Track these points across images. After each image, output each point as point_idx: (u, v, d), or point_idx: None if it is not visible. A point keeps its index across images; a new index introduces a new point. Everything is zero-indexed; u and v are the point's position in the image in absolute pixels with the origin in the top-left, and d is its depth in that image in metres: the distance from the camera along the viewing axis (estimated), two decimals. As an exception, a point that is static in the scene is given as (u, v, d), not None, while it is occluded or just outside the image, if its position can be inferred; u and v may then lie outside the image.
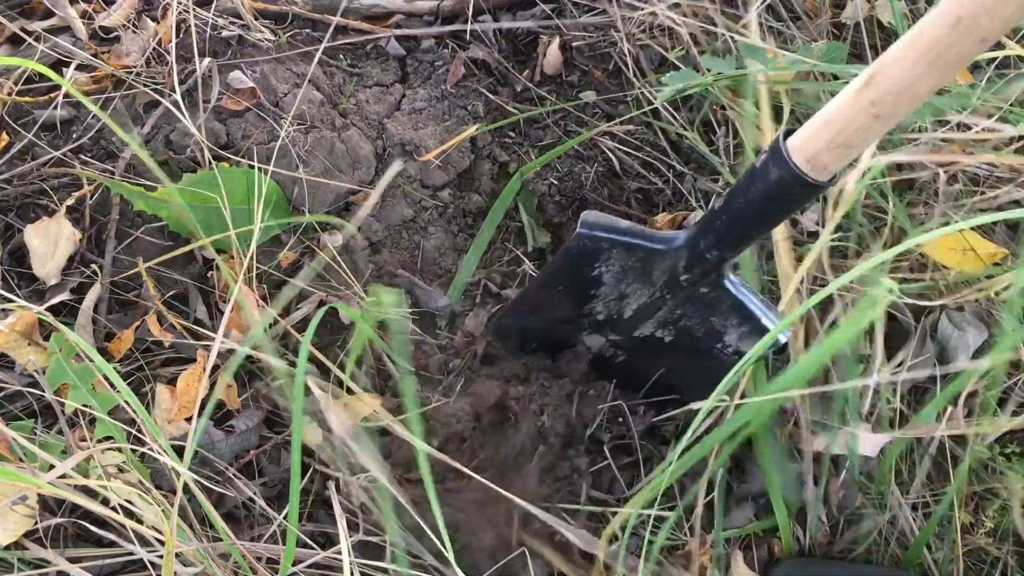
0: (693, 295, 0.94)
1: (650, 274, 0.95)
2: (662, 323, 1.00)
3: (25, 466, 0.81)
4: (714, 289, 0.92)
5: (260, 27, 1.19)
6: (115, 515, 0.76)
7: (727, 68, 1.13)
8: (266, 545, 0.88)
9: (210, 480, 0.90)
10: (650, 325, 1.00)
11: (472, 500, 0.94)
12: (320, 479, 0.98)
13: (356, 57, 1.28)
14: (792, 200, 0.77)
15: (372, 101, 1.22)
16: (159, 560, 0.80)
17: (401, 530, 0.92)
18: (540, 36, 1.32)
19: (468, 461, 0.99)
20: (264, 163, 1.07)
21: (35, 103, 1.11)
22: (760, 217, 0.82)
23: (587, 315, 1.03)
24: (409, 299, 1.15)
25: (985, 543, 0.99)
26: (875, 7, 1.31)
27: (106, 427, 0.84)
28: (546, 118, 1.28)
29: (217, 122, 1.10)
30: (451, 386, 1.07)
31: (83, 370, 0.88)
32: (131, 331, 0.98)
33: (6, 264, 1.01)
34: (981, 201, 1.08)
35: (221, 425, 0.96)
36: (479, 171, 1.23)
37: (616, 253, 0.95)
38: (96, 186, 1.05)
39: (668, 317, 0.99)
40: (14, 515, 0.81)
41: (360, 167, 1.14)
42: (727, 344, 0.97)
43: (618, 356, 1.07)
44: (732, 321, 0.94)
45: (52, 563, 0.81)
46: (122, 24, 1.17)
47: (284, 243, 1.10)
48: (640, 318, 1.00)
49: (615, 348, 1.07)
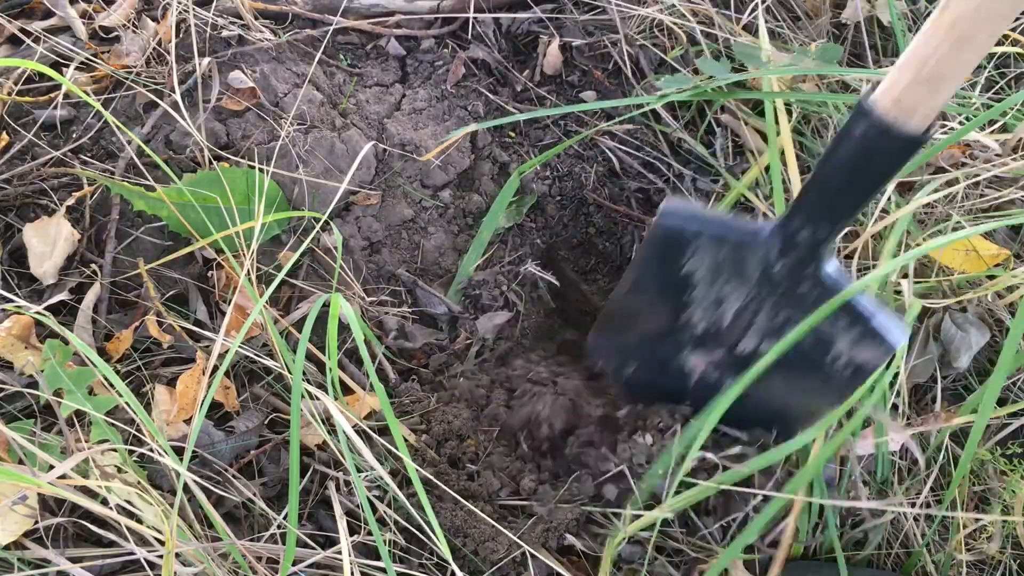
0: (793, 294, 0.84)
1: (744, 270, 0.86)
2: (765, 333, 0.90)
3: (25, 466, 0.81)
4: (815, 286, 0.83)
5: (260, 27, 1.19)
6: (115, 515, 0.76)
7: (722, 71, 1.13)
8: (266, 545, 0.88)
9: (210, 480, 0.89)
10: (753, 337, 0.90)
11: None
12: (320, 479, 0.98)
13: (356, 57, 1.28)
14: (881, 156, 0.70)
15: (372, 101, 1.22)
16: (159, 560, 0.80)
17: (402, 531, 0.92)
18: (540, 36, 1.32)
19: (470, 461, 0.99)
20: (264, 163, 1.07)
21: (35, 103, 1.11)
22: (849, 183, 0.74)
23: (685, 326, 0.94)
24: (410, 299, 1.15)
25: (986, 547, 0.99)
26: (875, 7, 1.31)
27: (102, 431, 0.84)
28: (546, 118, 1.28)
29: (217, 122, 1.10)
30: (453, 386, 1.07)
31: (82, 371, 0.88)
32: (130, 331, 0.98)
33: (6, 264, 1.01)
34: (982, 202, 1.08)
35: (221, 425, 0.96)
36: (479, 171, 1.23)
37: (703, 246, 0.87)
38: (96, 186, 1.05)
39: (771, 325, 0.88)
40: (14, 515, 0.81)
41: (360, 167, 1.14)
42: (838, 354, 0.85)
43: (725, 379, 0.96)
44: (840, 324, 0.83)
45: (52, 563, 0.81)
46: (122, 24, 1.17)
47: (284, 243, 1.10)
48: (740, 325, 0.90)
49: (719, 369, 0.96)
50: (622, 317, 1.01)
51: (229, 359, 0.80)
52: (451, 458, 0.99)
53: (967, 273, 1.05)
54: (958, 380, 1.08)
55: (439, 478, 0.94)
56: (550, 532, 0.94)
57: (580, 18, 1.31)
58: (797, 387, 0.91)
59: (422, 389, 1.06)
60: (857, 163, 0.71)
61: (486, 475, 0.97)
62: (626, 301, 0.99)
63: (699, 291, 0.90)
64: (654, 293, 0.95)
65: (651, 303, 0.96)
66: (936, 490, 1.01)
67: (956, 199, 1.10)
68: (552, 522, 0.94)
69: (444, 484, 0.94)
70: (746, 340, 0.91)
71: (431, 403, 1.03)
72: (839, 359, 0.85)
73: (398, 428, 0.82)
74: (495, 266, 1.19)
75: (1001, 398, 1.03)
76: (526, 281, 1.18)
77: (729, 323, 0.91)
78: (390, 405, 0.90)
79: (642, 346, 1.01)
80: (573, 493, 0.96)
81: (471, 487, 0.96)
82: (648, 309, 0.97)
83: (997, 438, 1.04)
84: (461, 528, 0.91)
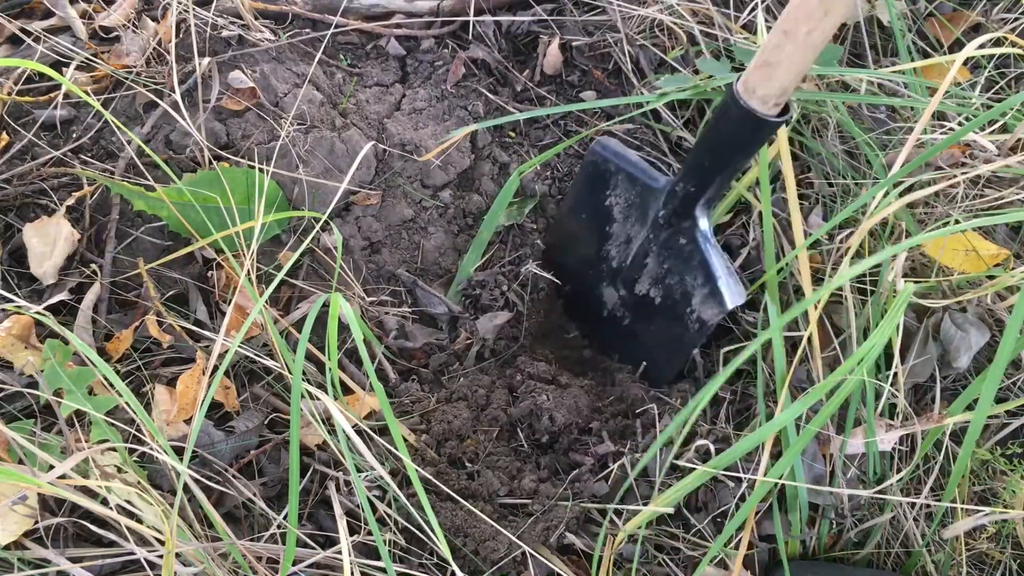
0: (675, 245, 0.99)
1: (645, 212, 1.01)
2: (654, 279, 1.04)
3: (25, 466, 0.81)
4: (689, 241, 0.97)
5: (260, 27, 1.19)
6: (115, 515, 0.76)
7: (722, 71, 1.13)
8: (266, 545, 0.88)
9: (210, 480, 0.89)
10: (646, 280, 1.05)
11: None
12: (320, 479, 0.98)
13: (356, 57, 1.28)
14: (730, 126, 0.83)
15: (372, 101, 1.22)
16: (159, 560, 0.80)
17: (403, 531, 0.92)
18: (540, 36, 1.32)
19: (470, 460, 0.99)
20: (264, 163, 1.07)
21: (35, 103, 1.11)
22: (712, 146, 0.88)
23: (604, 259, 1.09)
24: (410, 299, 1.15)
25: (987, 547, 0.99)
26: (875, 7, 1.31)
27: (102, 431, 0.84)
28: (546, 118, 1.28)
29: (217, 122, 1.10)
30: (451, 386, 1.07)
31: (82, 371, 0.88)
32: (130, 331, 0.98)
33: (6, 264, 1.01)
34: (982, 202, 1.08)
35: (221, 425, 0.96)
36: (479, 171, 1.23)
37: (622, 183, 1.02)
38: (96, 186, 1.05)
39: (658, 271, 1.03)
40: (14, 515, 0.81)
41: (360, 167, 1.14)
42: (693, 309, 1.00)
43: (626, 317, 1.11)
44: (698, 280, 0.98)
45: (52, 563, 0.81)
46: (122, 24, 1.17)
47: (284, 243, 1.10)
48: (637, 266, 1.05)
49: (624, 307, 1.10)
50: (562, 237, 1.16)
51: (229, 359, 0.80)
52: (451, 458, 0.99)
53: (967, 273, 1.05)
54: (958, 380, 1.08)
55: (439, 478, 0.94)
56: (550, 531, 0.94)
57: (580, 18, 1.31)
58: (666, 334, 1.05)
59: (422, 389, 1.06)
60: (717, 129, 0.86)
61: (486, 475, 0.97)
62: (566, 222, 1.14)
63: (616, 226, 1.06)
64: (585, 219, 1.10)
65: (583, 228, 1.11)
66: (936, 490, 1.01)
67: (956, 199, 1.10)
68: (552, 521, 0.94)
69: (444, 484, 0.94)
70: (640, 283, 1.06)
71: (431, 403, 1.03)
72: (693, 312, 1.00)
73: (398, 428, 0.82)
74: (495, 266, 1.19)
75: (1000, 397, 1.03)
76: (526, 281, 1.18)
77: (631, 262, 1.06)
78: (390, 405, 0.90)
79: (575, 270, 1.16)
80: (574, 492, 0.96)
81: (471, 487, 0.96)
82: (581, 234, 1.12)
83: (997, 438, 1.04)
84: (461, 528, 0.91)
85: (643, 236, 1.02)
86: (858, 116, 1.21)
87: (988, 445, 1.03)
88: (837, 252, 1.07)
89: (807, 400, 0.86)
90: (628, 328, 1.12)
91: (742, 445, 0.88)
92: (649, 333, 1.09)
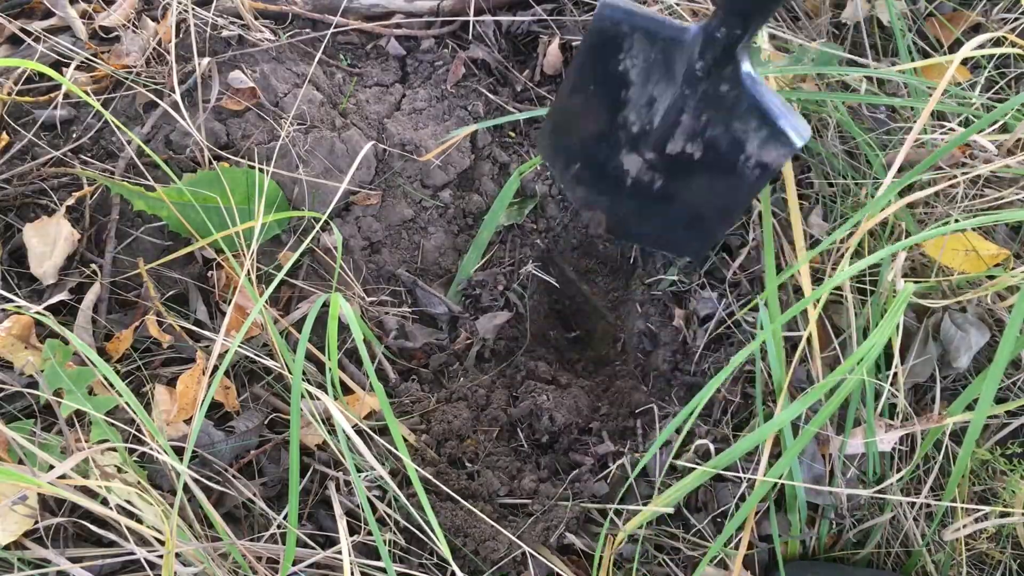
0: (714, 94, 0.90)
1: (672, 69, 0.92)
2: (690, 134, 0.95)
3: (25, 466, 0.81)
4: (733, 86, 0.89)
5: (260, 27, 1.19)
6: (115, 515, 0.76)
7: None
8: (266, 545, 0.88)
9: (210, 480, 0.89)
10: (680, 138, 0.96)
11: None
12: (320, 479, 0.98)
13: (356, 57, 1.28)
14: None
15: (372, 101, 1.22)
16: (159, 560, 0.80)
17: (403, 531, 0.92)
18: (540, 36, 1.32)
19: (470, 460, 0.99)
20: (264, 163, 1.07)
21: (35, 103, 1.11)
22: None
23: (622, 127, 1.00)
24: (410, 299, 1.15)
25: (987, 547, 0.99)
26: (875, 7, 1.31)
27: (102, 431, 0.84)
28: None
29: (217, 122, 1.10)
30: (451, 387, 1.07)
31: (82, 371, 0.88)
32: (130, 331, 0.98)
33: (6, 264, 1.01)
34: (982, 203, 1.08)
35: (221, 425, 0.96)
36: (479, 171, 1.23)
37: (637, 43, 0.93)
38: (96, 186, 1.05)
39: (695, 126, 0.94)
40: (14, 515, 0.81)
41: (360, 167, 1.14)
42: (748, 156, 0.92)
43: (656, 181, 1.02)
44: (752, 125, 0.89)
45: (52, 563, 0.81)
46: (122, 24, 1.17)
47: (284, 243, 1.10)
48: (668, 124, 0.96)
49: (652, 170, 1.02)
50: (566, 117, 1.06)
51: (229, 359, 0.80)
52: (451, 458, 0.99)
53: (967, 273, 1.05)
54: (958, 380, 1.08)
55: (439, 478, 0.94)
56: (550, 531, 0.94)
57: (580, 18, 1.31)
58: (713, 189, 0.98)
59: (422, 389, 1.06)
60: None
61: (486, 475, 0.97)
62: (569, 101, 1.03)
63: (634, 91, 0.96)
64: (594, 92, 0.99)
65: (592, 102, 1.00)
66: (936, 490, 1.01)
67: (956, 199, 1.10)
68: (552, 521, 0.94)
69: (444, 484, 0.94)
70: (674, 141, 0.97)
71: (431, 403, 1.03)
72: (749, 159, 0.91)
73: (398, 428, 0.82)
74: (495, 266, 1.19)
75: (1000, 397, 1.03)
76: (527, 282, 1.18)
77: (659, 123, 0.97)
78: (390, 405, 0.90)
79: (584, 146, 1.05)
80: (574, 492, 0.96)
81: (471, 487, 0.96)
82: (589, 108, 1.01)
83: (997, 438, 1.04)
84: (461, 528, 0.91)
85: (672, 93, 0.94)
86: (858, 116, 1.21)
87: (988, 445, 1.03)
88: (837, 252, 1.07)
89: (806, 400, 0.86)
90: (660, 191, 1.03)
91: (742, 445, 0.88)
92: (690, 191, 1.00)
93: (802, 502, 0.96)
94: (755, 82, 0.88)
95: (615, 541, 0.93)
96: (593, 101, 1.00)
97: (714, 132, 0.93)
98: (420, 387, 1.06)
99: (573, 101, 1.03)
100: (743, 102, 0.88)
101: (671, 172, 1.00)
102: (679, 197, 1.01)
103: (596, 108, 1.01)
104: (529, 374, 1.10)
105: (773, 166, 0.91)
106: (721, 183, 0.96)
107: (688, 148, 0.96)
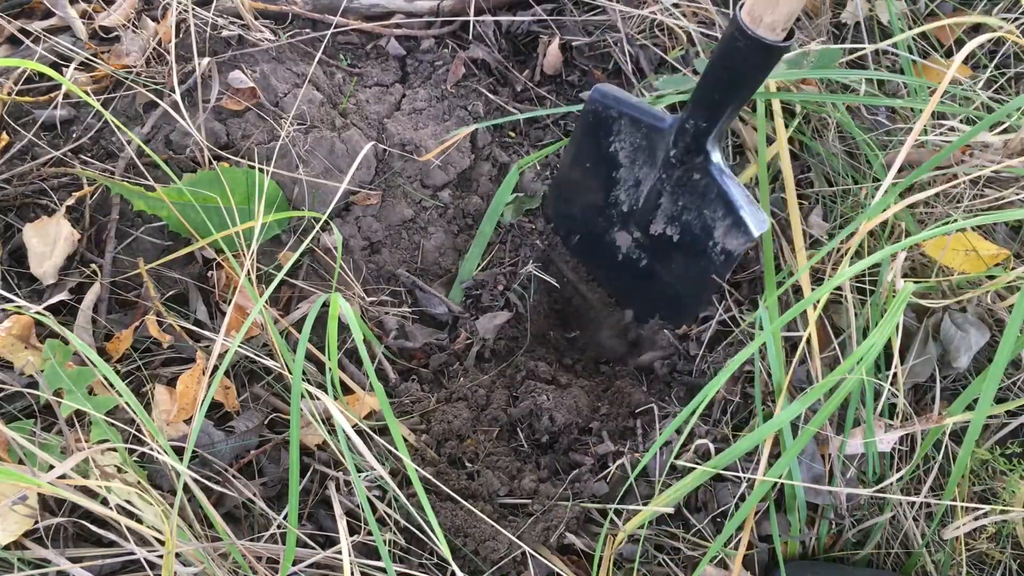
0: (688, 181, 0.98)
1: (654, 153, 1.01)
2: (669, 217, 1.04)
3: (25, 466, 0.81)
4: (704, 175, 0.97)
5: (260, 27, 1.19)
6: (115, 515, 0.76)
7: None
8: (266, 545, 0.88)
9: (210, 480, 0.89)
10: (661, 219, 1.04)
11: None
12: (320, 479, 0.98)
13: (356, 57, 1.28)
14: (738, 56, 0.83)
15: (372, 101, 1.22)
16: (159, 560, 0.80)
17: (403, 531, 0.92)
18: (540, 36, 1.32)
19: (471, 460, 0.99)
20: (264, 163, 1.07)
21: (35, 103, 1.11)
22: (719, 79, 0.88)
23: (614, 205, 1.09)
24: (410, 299, 1.15)
25: (987, 547, 0.99)
26: (875, 7, 1.31)
27: (102, 431, 0.84)
28: (546, 118, 1.28)
29: (217, 122, 1.10)
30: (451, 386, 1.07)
31: (82, 371, 0.88)
32: (130, 331, 0.98)
33: (6, 264, 1.01)
34: (982, 202, 1.08)
35: (221, 425, 0.96)
36: (479, 171, 1.23)
37: (625, 127, 1.02)
38: (96, 186, 1.05)
39: (673, 209, 1.02)
40: (14, 515, 0.81)
41: (360, 167, 1.14)
42: (716, 241, 0.99)
43: (642, 259, 1.11)
44: (719, 213, 0.97)
45: (52, 563, 0.81)
46: (122, 24, 1.17)
47: (284, 243, 1.10)
48: (651, 206, 1.04)
49: (639, 248, 1.11)
50: (567, 189, 1.16)
51: (229, 359, 0.80)
52: (451, 458, 0.99)
53: (967, 273, 1.05)
54: (958, 380, 1.08)
55: (439, 478, 0.94)
56: (550, 531, 0.94)
57: (580, 18, 1.31)
58: (688, 270, 1.06)
59: (422, 389, 1.06)
60: (724, 62, 0.85)
61: (486, 475, 0.97)
62: (569, 174, 1.13)
63: (623, 172, 1.06)
64: (589, 168, 1.09)
65: (587, 178, 1.10)
66: (936, 490, 1.01)
67: (956, 199, 1.10)
68: (552, 521, 0.94)
69: (444, 484, 0.94)
70: (656, 222, 1.06)
71: (431, 403, 1.03)
72: (716, 245, 1.00)
73: (398, 428, 0.82)
74: (495, 266, 1.19)
75: (1000, 397, 1.03)
76: (527, 282, 1.18)
77: (643, 204, 1.06)
78: (390, 405, 0.90)
79: (583, 219, 1.15)
80: (574, 492, 0.96)
81: (471, 487, 0.96)
82: (586, 183, 1.11)
83: (997, 437, 1.04)
84: (461, 528, 0.91)
85: (654, 177, 1.02)
86: (858, 116, 1.21)
87: (988, 445, 1.03)
88: (837, 252, 1.07)
89: (806, 400, 0.86)
90: (646, 269, 1.11)
91: (741, 445, 0.88)
92: (670, 271, 1.08)
93: (802, 502, 0.96)
94: (723, 173, 0.96)
95: (615, 541, 0.93)
96: (589, 177, 1.10)
97: (689, 217, 1.01)
98: (420, 387, 1.06)
99: (572, 175, 1.13)
100: (712, 190, 0.97)
101: (654, 251, 1.09)
102: (660, 275, 1.10)
103: (592, 184, 1.10)
104: (529, 374, 1.10)
105: (736, 253, 0.99)
106: (694, 265, 1.04)
107: (668, 230, 1.05)
